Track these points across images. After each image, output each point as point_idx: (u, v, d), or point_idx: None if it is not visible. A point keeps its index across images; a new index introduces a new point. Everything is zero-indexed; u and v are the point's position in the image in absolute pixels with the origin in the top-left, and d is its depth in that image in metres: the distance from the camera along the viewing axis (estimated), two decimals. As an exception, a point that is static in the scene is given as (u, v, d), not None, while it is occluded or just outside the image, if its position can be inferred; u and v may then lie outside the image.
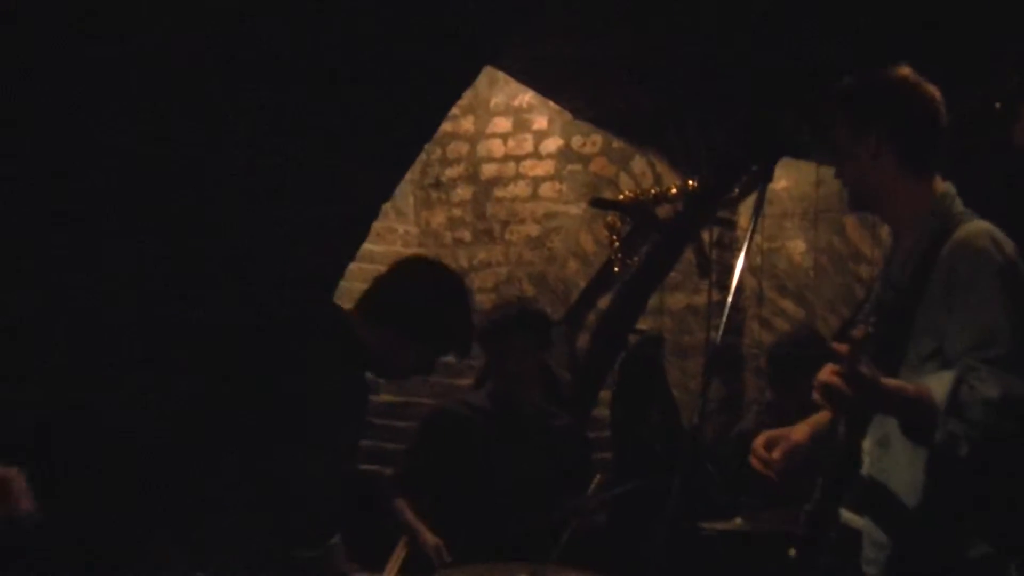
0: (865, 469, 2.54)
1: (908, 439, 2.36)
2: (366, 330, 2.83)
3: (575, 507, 3.52)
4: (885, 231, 3.07)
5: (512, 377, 3.71)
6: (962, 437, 2.24)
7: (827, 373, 2.25)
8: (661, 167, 6.19)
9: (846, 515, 2.53)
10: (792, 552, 2.43)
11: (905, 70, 2.58)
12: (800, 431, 2.67)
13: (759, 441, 2.66)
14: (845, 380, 2.21)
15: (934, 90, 2.58)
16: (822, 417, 2.65)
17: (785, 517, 2.92)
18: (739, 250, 2.76)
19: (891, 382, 2.31)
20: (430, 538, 3.42)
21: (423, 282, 2.92)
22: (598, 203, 6.05)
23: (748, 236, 2.73)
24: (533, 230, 6.59)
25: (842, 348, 2.23)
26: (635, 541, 4.81)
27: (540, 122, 6.51)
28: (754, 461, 2.64)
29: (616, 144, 6.28)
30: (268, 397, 2.55)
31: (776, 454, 2.61)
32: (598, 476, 3.66)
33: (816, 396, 2.29)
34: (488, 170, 6.68)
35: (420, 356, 2.90)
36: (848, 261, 6.39)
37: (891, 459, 2.47)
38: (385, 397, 5.81)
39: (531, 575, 3.07)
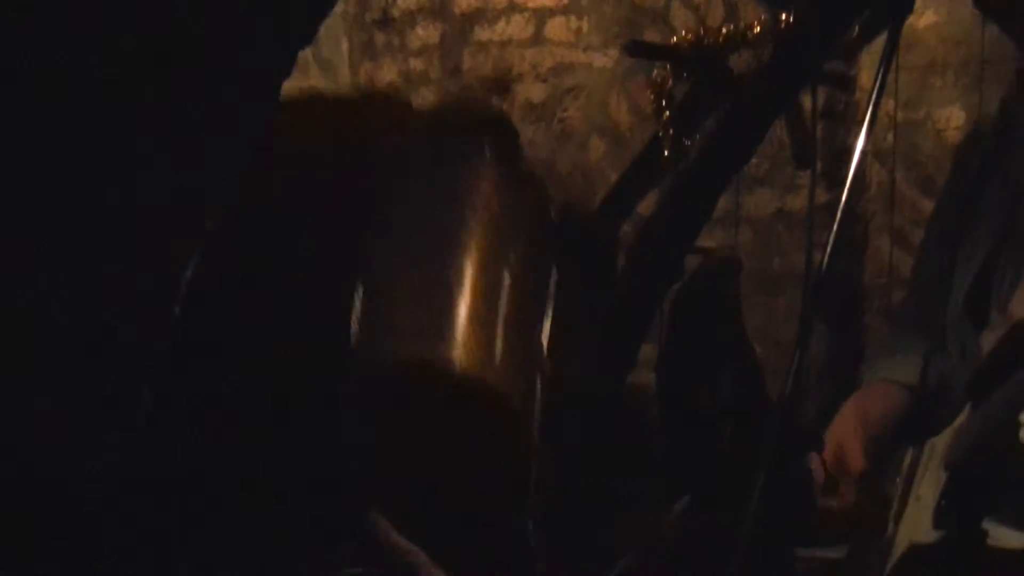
0: None
1: None
2: None
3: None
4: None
5: None
6: None
7: None
8: (737, -8, 6.19)
9: (998, 532, 2.59)
10: None
11: None
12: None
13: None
14: None
15: None
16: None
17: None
18: (860, 124, 2.79)
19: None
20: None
21: None
22: (638, 49, 6.05)
23: (872, 102, 2.76)
24: (536, 92, 6.59)
25: None
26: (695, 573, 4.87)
27: (547, -79, 6.50)
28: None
29: (666, -44, 6.27)
30: None
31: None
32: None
33: None
34: (464, -3, 6.67)
35: None
36: (1030, 140, 6.41)
37: None
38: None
39: None
